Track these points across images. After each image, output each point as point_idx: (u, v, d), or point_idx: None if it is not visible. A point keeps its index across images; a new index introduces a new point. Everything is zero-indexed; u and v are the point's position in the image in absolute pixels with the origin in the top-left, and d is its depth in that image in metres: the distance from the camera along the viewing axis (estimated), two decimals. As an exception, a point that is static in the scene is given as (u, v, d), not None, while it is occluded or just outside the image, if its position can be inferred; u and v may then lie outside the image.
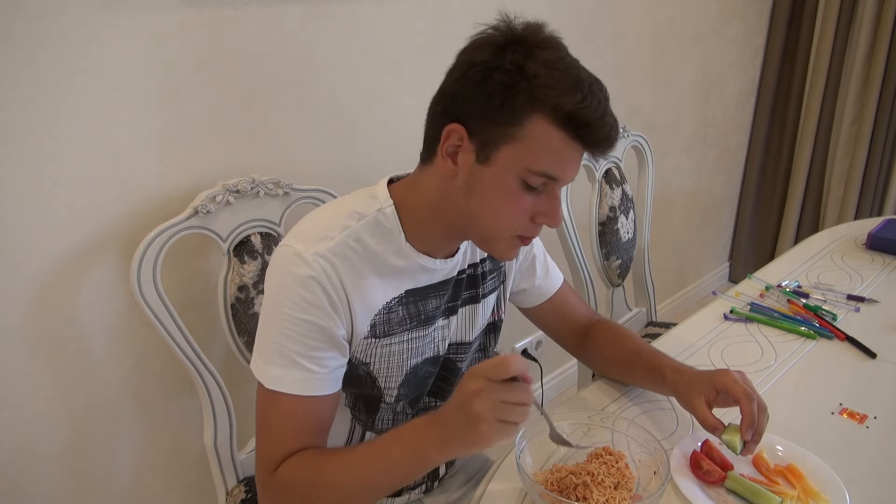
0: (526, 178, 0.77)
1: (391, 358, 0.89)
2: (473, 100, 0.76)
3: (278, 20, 1.22)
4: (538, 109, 0.73)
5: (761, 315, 1.30)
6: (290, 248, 0.81)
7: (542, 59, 0.74)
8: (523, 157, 0.76)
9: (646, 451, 0.87)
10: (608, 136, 0.76)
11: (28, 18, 0.95)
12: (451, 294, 0.93)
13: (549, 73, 0.73)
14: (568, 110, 0.73)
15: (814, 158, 2.67)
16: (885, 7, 2.34)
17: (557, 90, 0.73)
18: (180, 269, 1.19)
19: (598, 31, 1.91)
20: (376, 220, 0.84)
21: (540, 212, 0.81)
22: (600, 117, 0.75)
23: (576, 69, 0.76)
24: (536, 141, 0.75)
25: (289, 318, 0.80)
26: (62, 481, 1.17)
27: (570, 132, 0.74)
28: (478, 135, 0.77)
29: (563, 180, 0.79)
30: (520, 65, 0.73)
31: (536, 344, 2.11)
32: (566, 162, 0.77)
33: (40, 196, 1.03)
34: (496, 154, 0.76)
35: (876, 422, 1.00)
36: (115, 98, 1.06)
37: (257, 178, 1.17)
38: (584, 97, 0.73)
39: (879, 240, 1.59)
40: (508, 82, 0.73)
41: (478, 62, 0.76)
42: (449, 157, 0.79)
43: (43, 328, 1.08)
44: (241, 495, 1.16)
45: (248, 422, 1.27)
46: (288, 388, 0.80)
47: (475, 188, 0.79)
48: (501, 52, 0.75)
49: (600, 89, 0.76)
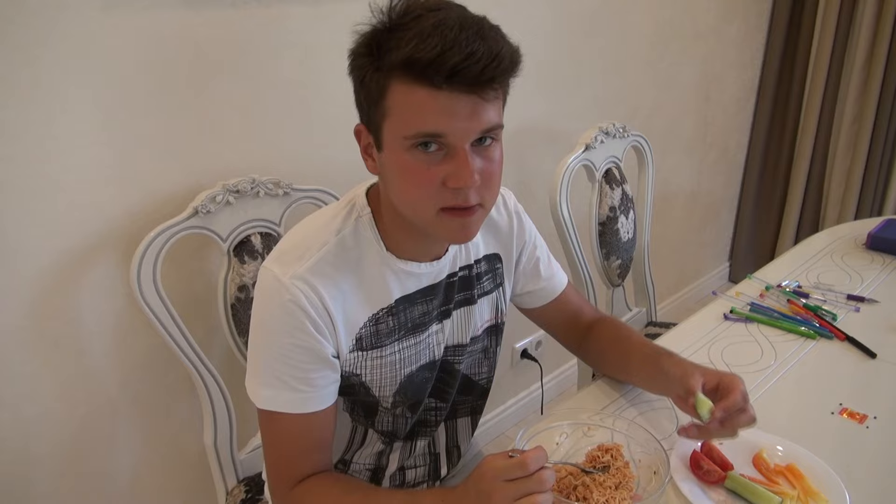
0: (411, 146, 0.73)
1: (383, 369, 0.88)
2: (356, 94, 0.77)
3: (278, 20, 1.22)
4: (388, 76, 0.71)
5: (761, 315, 1.30)
6: (270, 273, 0.80)
7: (395, 28, 0.71)
8: (399, 127, 0.73)
9: (646, 451, 0.86)
10: (464, 67, 0.67)
11: (28, 18, 0.95)
12: (442, 298, 0.92)
13: (393, 37, 0.70)
14: (403, 58, 0.69)
15: (814, 158, 2.67)
16: (885, 7, 2.34)
17: (395, 51, 0.69)
18: (180, 269, 1.19)
19: (598, 31, 1.91)
20: (355, 230, 0.84)
21: (447, 175, 0.73)
22: (441, 53, 0.67)
23: (429, 18, 0.69)
24: (401, 106, 0.72)
25: (275, 342, 0.80)
26: (62, 481, 1.17)
27: (423, 81, 0.69)
28: (371, 126, 0.77)
29: (450, 134, 0.72)
30: (373, 45, 0.73)
31: (536, 344, 2.11)
32: (439, 113, 0.70)
33: (40, 196, 1.03)
34: (382, 135, 0.76)
35: (876, 422, 1.00)
36: (115, 98, 1.06)
37: (257, 178, 1.17)
38: (419, 41, 0.67)
39: (879, 240, 1.59)
40: (366, 64, 0.73)
41: (350, 56, 0.76)
42: (368, 156, 0.81)
43: (43, 328, 1.08)
44: (241, 495, 1.16)
45: (248, 422, 1.27)
46: (281, 408, 0.81)
47: (385, 175, 0.80)
48: (364, 40, 0.74)
49: (459, 27, 0.68)
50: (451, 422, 1.06)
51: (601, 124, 1.60)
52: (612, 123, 1.62)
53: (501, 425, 2.08)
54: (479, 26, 0.70)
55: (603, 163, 1.61)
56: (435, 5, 0.72)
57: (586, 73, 1.91)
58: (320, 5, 1.27)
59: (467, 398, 1.05)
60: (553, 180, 1.49)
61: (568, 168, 1.50)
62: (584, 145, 1.55)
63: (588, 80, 1.92)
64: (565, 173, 1.49)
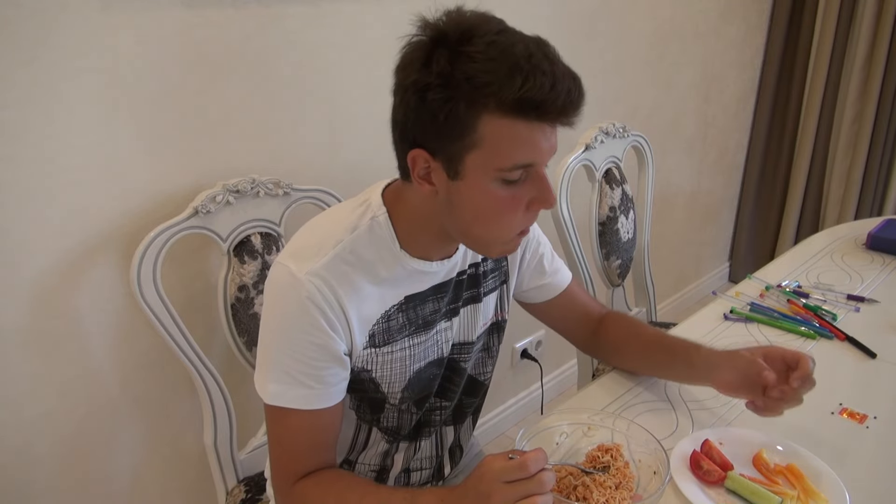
0: (502, 177, 0.74)
1: (393, 364, 0.89)
2: (420, 123, 0.73)
3: (278, 20, 1.22)
4: (483, 110, 0.70)
5: (761, 315, 1.30)
6: (285, 268, 0.80)
7: (469, 55, 0.69)
8: (491, 160, 0.73)
9: (646, 451, 0.87)
10: (568, 102, 0.71)
11: (28, 18, 0.95)
12: (451, 296, 0.93)
13: (481, 67, 0.68)
14: (513, 99, 0.69)
15: (814, 158, 2.67)
16: (885, 7, 2.34)
17: (494, 83, 0.68)
18: (180, 269, 1.19)
19: (598, 31, 1.91)
20: (370, 228, 0.83)
21: (531, 199, 0.77)
22: (551, 89, 0.69)
23: (509, 48, 0.69)
24: (496, 139, 0.71)
25: (287, 337, 0.80)
26: (62, 481, 1.17)
27: (525, 117, 0.70)
28: (440, 153, 0.74)
29: (540, 163, 0.75)
30: (447, 74, 0.69)
31: (536, 344, 2.11)
32: (535, 145, 0.73)
33: (40, 196, 1.03)
34: (464, 166, 0.74)
35: (876, 422, 1.00)
36: (114, 98, 1.06)
37: (257, 178, 1.17)
38: (526, 77, 0.68)
39: (879, 240, 1.59)
40: (444, 96, 0.70)
41: (408, 84, 0.73)
42: (424, 181, 0.78)
43: (43, 328, 1.08)
44: (241, 495, 1.16)
45: (248, 422, 1.27)
46: (289, 403, 0.81)
47: (457, 203, 0.77)
48: (427, 65, 0.71)
49: (544, 57, 0.69)
50: (458, 424, 1.07)
51: (601, 124, 1.60)
52: (612, 123, 1.62)
53: (501, 425, 2.08)
54: (555, 54, 0.72)
55: (603, 163, 1.61)
56: (496, 27, 0.72)
57: (586, 73, 1.88)
58: (320, 5, 1.27)
59: (473, 399, 1.06)
60: (553, 180, 1.49)
61: (568, 168, 1.50)
62: (584, 145, 1.55)
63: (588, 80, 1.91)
64: (565, 173, 1.49)
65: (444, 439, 1.07)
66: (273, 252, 1.20)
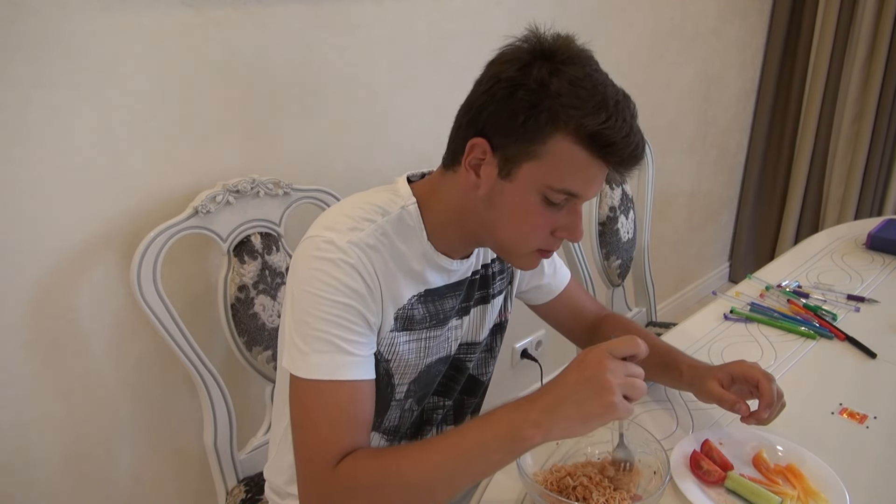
0: (547, 195, 0.77)
1: (409, 354, 0.89)
2: (497, 116, 0.76)
3: (278, 20, 1.22)
4: (561, 128, 0.73)
5: (761, 315, 1.30)
6: (321, 237, 0.79)
7: (568, 77, 0.73)
8: (545, 175, 0.76)
9: (646, 451, 0.86)
10: (633, 156, 0.76)
11: (28, 18, 0.95)
12: (464, 294, 0.94)
13: (574, 92, 0.72)
14: (591, 131, 0.73)
15: (814, 158, 2.67)
16: (885, 7, 2.34)
17: (581, 109, 0.72)
18: (180, 269, 1.19)
19: (598, 31, 1.91)
20: (400, 217, 0.84)
21: (561, 226, 0.81)
22: (625, 136, 0.73)
23: (602, 86, 0.74)
24: (559, 159, 0.75)
25: (328, 301, 0.78)
26: (62, 481, 1.17)
27: (593, 151, 0.74)
28: (501, 150, 0.77)
29: (584, 197, 0.79)
30: (544, 82, 0.73)
31: (536, 344, 2.11)
32: (589, 179, 0.77)
33: (40, 196, 1.03)
34: (518, 170, 0.77)
35: (876, 422, 1.00)
36: (115, 98, 1.06)
37: (257, 178, 1.17)
38: (609, 116, 0.72)
39: (879, 240, 1.59)
40: (532, 100, 0.73)
41: (503, 78, 0.75)
42: (472, 170, 0.80)
43: (43, 328, 1.08)
44: (241, 495, 1.16)
45: (248, 422, 1.27)
46: (332, 374, 0.77)
47: (496, 202, 0.80)
48: (527, 68, 0.74)
49: (627, 107, 0.75)
50: (458, 423, 1.07)
51: None
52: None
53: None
54: (635, 112, 0.77)
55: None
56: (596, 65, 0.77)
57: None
58: (320, 5, 1.27)
59: (472, 399, 1.06)
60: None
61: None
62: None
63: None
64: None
65: None
66: (273, 252, 1.20)
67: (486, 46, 0.83)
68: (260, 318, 1.18)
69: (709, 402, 0.94)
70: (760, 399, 0.89)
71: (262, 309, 1.18)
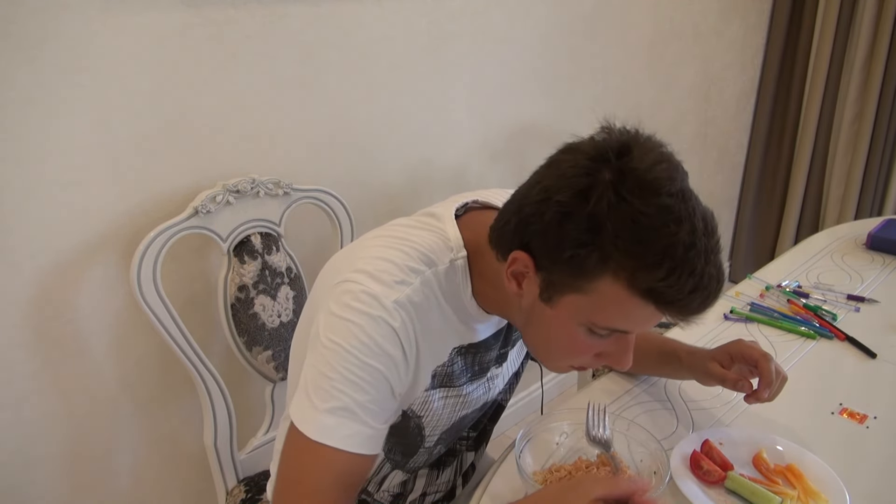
0: (590, 328, 0.70)
1: (444, 410, 0.85)
2: (544, 238, 0.66)
3: (278, 20, 1.22)
4: (611, 274, 0.63)
5: (761, 315, 1.30)
6: (363, 288, 0.71)
7: (630, 213, 0.61)
8: (589, 311, 0.68)
9: (646, 451, 0.86)
10: (695, 311, 0.65)
11: (28, 18, 0.95)
12: (502, 341, 0.90)
13: (635, 235, 0.61)
14: (646, 287, 0.62)
15: (814, 158, 2.67)
16: (885, 7, 2.34)
17: (637, 260, 0.62)
18: (180, 269, 1.19)
19: (598, 31, 1.91)
20: (448, 272, 0.77)
21: (606, 353, 0.73)
22: (690, 293, 0.62)
23: (676, 221, 0.61)
24: (606, 301, 0.65)
25: (357, 362, 0.70)
26: (62, 481, 1.17)
27: (648, 302, 0.64)
28: (544, 272, 0.68)
29: (634, 332, 0.72)
30: (600, 219, 0.62)
31: (536, 344, 2.11)
32: (640, 323, 0.68)
33: (40, 196, 1.03)
34: (560, 298, 0.68)
35: (876, 422, 1.00)
36: (115, 98, 1.06)
37: (257, 178, 1.17)
38: (672, 271, 0.61)
39: (879, 240, 1.59)
40: (582, 239, 0.63)
41: (555, 201, 0.64)
42: (514, 279, 0.72)
43: (43, 328, 1.08)
44: (241, 495, 1.16)
45: (248, 422, 1.27)
46: (339, 443, 0.69)
47: (535, 321, 0.74)
48: (584, 196, 0.63)
49: (703, 250, 0.62)
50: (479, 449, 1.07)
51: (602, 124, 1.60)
52: (613, 123, 1.62)
53: (501, 425, 2.06)
54: (716, 247, 0.65)
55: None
56: (678, 186, 0.63)
57: (586, 73, 1.91)
58: (320, 5, 1.27)
59: (493, 424, 1.05)
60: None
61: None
62: (585, 145, 1.54)
63: (588, 80, 1.92)
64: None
65: (464, 464, 1.06)
66: (273, 252, 1.20)
67: (486, 46, 0.83)
68: (260, 318, 1.18)
69: (711, 384, 0.95)
70: (760, 379, 0.89)
71: (262, 309, 1.18)
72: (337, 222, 1.28)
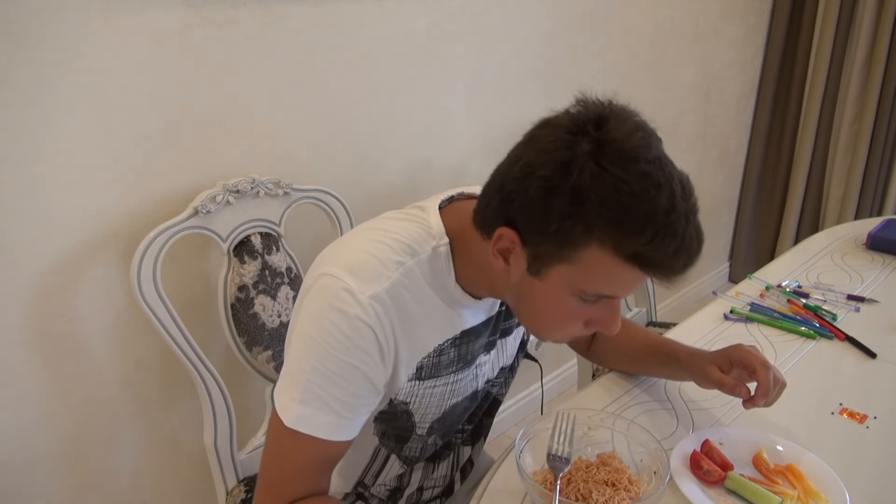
0: (581, 296, 0.71)
1: (432, 398, 0.86)
2: (529, 213, 0.68)
3: (278, 20, 1.22)
4: (597, 243, 0.65)
5: (761, 315, 1.30)
6: (341, 283, 0.73)
7: (612, 183, 0.63)
8: (577, 280, 0.69)
9: (646, 451, 0.86)
10: (678, 271, 0.68)
11: (28, 18, 0.95)
12: (492, 328, 0.91)
13: (617, 201, 0.63)
14: (632, 252, 0.65)
15: (814, 158, 2.67)
16: (885, 7, 2.34)
17: (622, 227, 0.64)
18: (180, 269, 1.19)
19: (598, 31, 1.91)
20: (430, 258, 0.78)
21: (595, 319, 0.76)
22: (673, 254, 0.65)
23: (656, 187, 0.63)
24: (593, 268, 0.67)
25: (332, 358, 0.73)
26: (62, 481, 1.17)
27: (633, 266, 0.66)
28: (531, 246, 0.70)
29: (621, 296, 0.74)
30: (583, 191, 0.63)
31: (536, 344, 2.11)
32: (627, 286, 0.71)
33: (40, 196, 1.03)
34: (548, 270, 0.70)
35: (876, 422, 1.00)
36: (114, 98, 1.06)
37: (257, 178, 1.17)
38: (655, 234, 0.63)
39: (879, 240, 1.59)
40: (567, 211, 0.64)
41: (538, 176, 0.66)
42: (500, 256, 0.73)
43: (43, 328, 1.08)
44: (241, 495, 1.16)
45: (248, 422, 1.27)
46: (313, 431, 0.74)
47: (525, 295, 0.75)
48: (565, 169, 0.64)
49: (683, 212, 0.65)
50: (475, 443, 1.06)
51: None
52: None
53: (501, 425, 2.08)
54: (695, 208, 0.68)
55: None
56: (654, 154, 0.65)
57: (586, 73, 1.91)
58: (320, 5, 1.27)
59: (490, 419, 1.05)
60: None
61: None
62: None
63: (588, 80, 1.92)
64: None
65: (461, 458, 1.06)
66: (273, 252, 1.20)
67: (486, 46, 0.83)
68: (260, 318, 1.18)
69: (709, 387, 0.94)
70: (757, 387, 0.89)
71: (262, 309, 1.18)
72: (337, 222, 1.28)
